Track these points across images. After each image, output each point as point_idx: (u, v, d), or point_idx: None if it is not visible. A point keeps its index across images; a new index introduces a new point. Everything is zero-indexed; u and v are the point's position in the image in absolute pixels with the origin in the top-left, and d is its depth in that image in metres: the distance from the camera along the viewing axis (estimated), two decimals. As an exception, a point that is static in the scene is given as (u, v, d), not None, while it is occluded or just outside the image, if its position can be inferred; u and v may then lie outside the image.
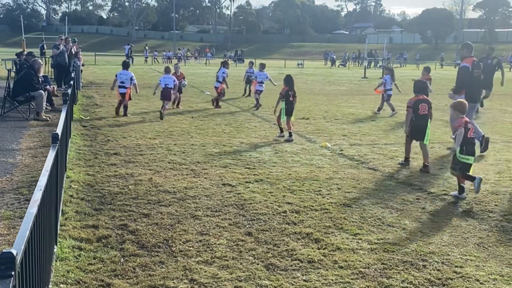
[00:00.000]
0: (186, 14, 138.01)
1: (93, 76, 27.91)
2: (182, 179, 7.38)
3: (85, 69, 28.89)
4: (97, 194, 6.58)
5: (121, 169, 7.86)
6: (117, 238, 5.13)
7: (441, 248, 5.11)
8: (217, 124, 12.70)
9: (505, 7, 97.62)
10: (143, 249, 4.88)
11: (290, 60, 63.47)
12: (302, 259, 4.76)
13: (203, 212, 5.97)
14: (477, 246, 5.21)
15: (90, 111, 14.43)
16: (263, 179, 7.54)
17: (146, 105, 16.25)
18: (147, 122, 12.64)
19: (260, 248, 4.97)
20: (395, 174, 8.08)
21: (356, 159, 9.13)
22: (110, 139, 10.32)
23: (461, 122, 7.04)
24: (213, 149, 9.58)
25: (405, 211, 6.25)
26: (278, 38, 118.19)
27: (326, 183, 7.44)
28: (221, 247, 4.96)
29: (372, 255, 4.88)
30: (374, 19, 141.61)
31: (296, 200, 6.58)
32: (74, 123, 11.88)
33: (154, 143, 9.98)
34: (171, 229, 5.39)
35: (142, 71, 36.81)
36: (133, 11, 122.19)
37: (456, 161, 7.03)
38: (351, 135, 11.70)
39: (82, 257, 4.66)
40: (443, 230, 5.64)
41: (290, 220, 5.82)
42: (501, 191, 7.21)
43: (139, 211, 5.93)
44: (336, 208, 6.31)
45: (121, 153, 9.03)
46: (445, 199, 6.80)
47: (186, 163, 8.42)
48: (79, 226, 5.41)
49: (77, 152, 8.97)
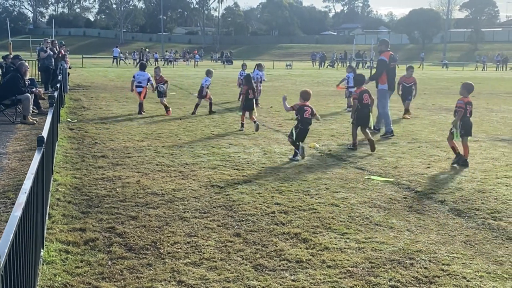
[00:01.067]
0: (174, 16, 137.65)
1: (80, 79, 27.78)
2: (170, 181, 7.36)
3: (72, 72, 28.73)
4: (85, 197, 6.54)
5: (109, 172, 7.82)
6: (104, 241, 5.11)
7: (428, 246, 5.14)
8: (205, 126, 12.68)
9: (491, 7, 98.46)
10: (131, 252, 4.86)
11: (278, 61, 63.56)
12: (290, 259, 4.76)
13: (191, 214, 5.96)
14: (464, 244, 5.24)
15: (78, 114, 14.36)
16: (252, 180, 7.54)
17: (133, 107, 16.17)
18: (135, 124, 12.59)
19: (248, 249, 4.97)
20: (382, 174, 8.11)
21: (344, 159, 9.16)
22: (97, 141, 10.27)
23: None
24: (201, 151, 9.57)
25: (393, 210, 6.28)
26: (267, 39, 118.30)
27: (315, 183, 7.45)
28: (209, 249, 4.95)
29: (360, 254, 4.90)
30: (361, 20, 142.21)
31: (285, 200, 6.59)
32: (61, 126, 11.81)
33: (142, 145, 9.95)
34: (159, 231, 5.37)
35: (130, 73, 36.66)
36: (121, 14, 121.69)
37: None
38: (339, 135, 11.74)
39: (69, 260, 4.63)
40: (430, 228, 5.67)
41: (278, 220, 5.83)
42: (488, 189, 7.27)
43: (126, 214, 5.90)
44: (324, 208, 6.32)
45: (108, 155, 8.99)
46: (432, 197, 6.84)
47: (174, 165, 8.40)
48: (66, 229, 5.37)
49: (64, 155, 8.92)
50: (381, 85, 12.03)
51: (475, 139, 11.43)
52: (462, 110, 8.78)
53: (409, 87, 14.93)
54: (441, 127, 13.10)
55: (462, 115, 8.74)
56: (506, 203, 6.59)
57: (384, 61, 12.02)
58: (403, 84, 15.07)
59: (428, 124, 13.58)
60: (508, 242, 5.30)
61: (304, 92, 9.49)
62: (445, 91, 25.77)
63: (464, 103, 8.84)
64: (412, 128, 12.85)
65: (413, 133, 12.22)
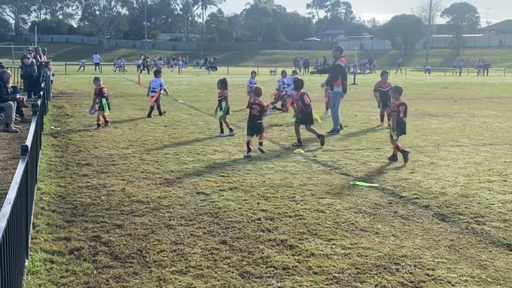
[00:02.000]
0: (158, 22, 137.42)
1: (63, 86, 27.58)
2: (155, 189, 7.34)
3: (55, 79, 28.50)
4: (69, 205, 6.49)
5: (93, 180, 7.77)
6: (89, 250, 5.07)
7: (413, 251, 5.18)
8: (190, 133, 12.66)
9: (471, 13, 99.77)
10: (117, 261, 4.82)
11: (262, 68, 63.74)
12: (276, 266, 4.77)
13: (177, 222, 5.94)
14: (449, 248, 5.30)
15: (61, 121, 14.25)
16: (237, 187, 7.54)
17: (118, 114, 16.11)
18: (119, 132, 12.52)
19: (235, 256, 4.97)
20: (367, 179, 8.17)
21: (329, 165, 9.21)
22: (81, 149, 10.20)
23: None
24: (186, 158, 9.55)
25: (378, 216, 6.33)
26: (251, 45, 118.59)
27: (300, 189, 7.48)
28: (195, 256, 4.94)
29: (346, 260, 4.93)
30: (345, 26, 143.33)
31: (271, 207, 6.60)
32: (45, 134, 11.70)
33: (126, 153, 9.90)
34: (144, 240, 5.35)
35: (114, 80, 36.51)
36: (104, 20, 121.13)
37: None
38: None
39: (54, 270, 4.59)
40: (415, 233, 5.72)
41: (264, 227, 5.83)
42: (471, 193, 7.35)
43: (112, 222, 5.86)
44: (310, 214, 6.35)
45: (93, 163, 8.93)
46: (416, 202, 6.90)
47: (160, 172, 8.37)
48: (50, 238, 5.33)
49: (48, 164, 8.84)
50: (336, 88, 13.17)
51: (457, 144, 11.58)
52: (396, 112, 9.46)
53: (386, 92, 14.44)
54: (424, 132, 13.23)
55: (397, 117, 9.45)
56: (489, 208, 6.67)
57: (341, 66, 13.30)
58: (379, 89, 14.83)
59: (411, 129, 13.70)
60: (492, 246, 5.36)
61: (255, 89, 10.58)
62: (428, 96, 26.04)
63: (396, 106, 9.54)
64: (396, 134, 12.96)
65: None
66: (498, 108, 20.14)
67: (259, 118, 10.05)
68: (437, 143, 11.66)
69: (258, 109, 10.02)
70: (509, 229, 5.88)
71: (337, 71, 13.22)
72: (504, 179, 8.19)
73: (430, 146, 11.22)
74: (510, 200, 7.03)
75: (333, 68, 13.38)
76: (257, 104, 10.10)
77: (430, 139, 12.17)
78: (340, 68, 13.27)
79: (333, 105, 13.30)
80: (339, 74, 13.17)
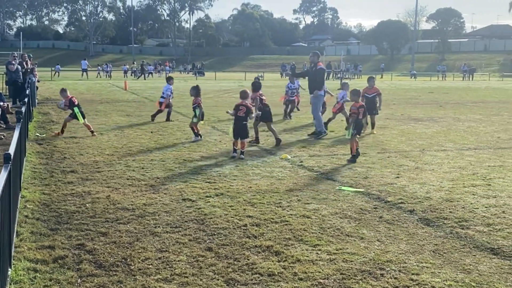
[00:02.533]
0: (144, 27, 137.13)
1: (49, 92, 27.38)
2: (141, 196, 7.30)
3: (41, 85, 28.33)
4: (53, 213, 6.44)
5: (78, 187, 7.72)
6: (74, 258, 5.03)
7: (398, 256, 5.21)
8: (177, 139, 12.63)
9: (457, 18, 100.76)
10: (101, 269, 4.79)
11: (250, 73, 63.77)
12: (262, 272, 4.77)
13: (162, 229, 5.91)
14: (433, 253, 5.33)
15: (46, 128, 14.14)
16: (224, 193, 7.54)
17: (104, 120, 16.03)
18: (105, 138, 12.46)
19: (220, 263, 4.96)
20: (353, 184, 8.20)
21: (315, 170, 9.23)
22: (66, 156, 10.13)
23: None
24: (173, 164, 9.52)
25: (363, 221, 6.35)
26: (238, 50, 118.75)
27: (286, 195, 7.49)
28: (180, 264, 4.92)
29: (331, 266, 4.94)
30: (331, 31, 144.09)
31: (257, 213, 6.60)
32: (30, 141, 11.61)
33: (112, 160, 9.85)
34: (129, 247, 5.32)
35: (100, 85, 36.35)
36: (90, 26, 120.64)
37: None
38: (310, 146, 11.83)
39: (38, 279, 4.54)
40: (399, 238, 5.75)
41: (250, 233, 5.83)
42: (455, 198, 7.41)
43: (96, 230, 5.83)
44: (296, 219, 6.36)
45: (78, 170, 8.87)
46: (401, 207, 6.94)
47: (145, 179, 8.34)
48: (34, 247, 5.28)
49: (33, 171, 8.77)
50: (319, 91, 13.52)
51: (442, 148, 11.68)
52: (356, 114, 10.14)
53: (372, 98, 14.42)
54: (410, 137, 13.32)
55: (356, 118, 10.14)
56: (473, 212, 6.73)
57: (324, 70, 13.99)
58: (365, 95, 14.48)
59: (397, 134, 13.80)
60: (476, 250, 5.41)
61: (242, 91, 10.79)
62: (413, 101, 26.24)
63: (357, 108, 10.21)
64: (382, 138, 13.04)
65: (382, 143, 12.39)
66: (482, 112, 20.35)
67: (244, 119, 10.32)
68: (422, 147, 11.75)
69: (244, 111, 10.29)
70: (493, 233, 5.93)
71: (321, 76, 13.66)
72: (488, 183, 8.27)
73: (415, 151, 11.30)
74: (494, 204, 7.10)
75: (318, 73, 13.60)
76: (244, 106, 10.34)
77: (415, 144, 12.26)
78: (323, 72, 13.90)
79: (315, 108, 13.51)
80: (323, 78, 13.73)
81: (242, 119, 10.32)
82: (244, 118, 10.33)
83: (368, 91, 14.60)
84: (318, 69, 13.59)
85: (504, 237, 5.79)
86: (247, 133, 10.46)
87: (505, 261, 5.11)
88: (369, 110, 14.19)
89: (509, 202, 7.18)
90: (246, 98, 10.57)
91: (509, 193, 7.68)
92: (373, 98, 14.46)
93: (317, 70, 13.60)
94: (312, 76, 13.74)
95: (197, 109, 12.57)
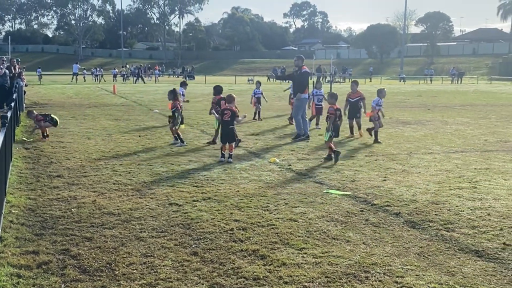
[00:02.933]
0: (134, 31, 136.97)
1: (37, 97, 27.25)
2: (127, 200, 7.27)
3: (29, 90, 28.16)
4: (39, 218, 6.40)
5: (64, 192, 7.67)
6: (58, 263, 4.99)
7: (383, 258, 5.22)
8: (164, 142, 12.60)
9: (445, 22, 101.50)
10: (85, 274, 4.76)
11: (240, 76, 63.88)
12: (247, 276, 4.76)
13: (148, 233, 5.89)
14: (418, 255, 5.35)
15: (34, 132, 14.04)
16: (211, 197, 7.52)
17: (92, 124, 15.96)
18: (92, 143, 12.40)
19: (205, 268, 4.95)
20: (340, 187, 8.22)
21: (303, 174, 9.25)
22: (53, 161, 10.07)
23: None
24: (160, 168, 9.49)
25: (349, 224, 6.37)
26: (228, 54, 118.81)
27: (274, 199, 7.49)
28: (165, 269, 4.90)
29: (317, 269, 4.94)
30: (321, 35, 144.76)
31: (244, 217, 6.59)
32: (16, 146, 11.53)
33: (99, 164, 9.80)
34: (114, 252, 5.29)
35: (88, 89, 36.20)
36: (80, 30, 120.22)
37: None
38: (299, 150, 11.85)
39: (21, 285, 4.51)
40: (385, 241, 5.77)
41: (237, 237, 5.82)
42: (441, 200, 7.45)
43: (81, 235, 5.79)
44: (283, 223, 6.36)
45: (64, 175, 8.82)
46: (387, 210, 6.97)
47: (132, 183, 8.30)
48: (18, 252, 5.23)
49: (19, 176, 8.71)
50: (303, 94, 13.65)
51: (429, 151, 11.75)
52: (333, 116, 10.45)
53: (355, 102, 14.18)
54: (397, 140, 13.38)
55: (333, 120, 10.45)
56: (458, 214, 6.77)
57: (308, 73, 14.08)
58: (348, 100, 14.44)
59: (385, 137, 13.85)
60: (460, 252, 5.44)
61: (227, 96, 10.79)
62: (402, 104, 26.37)
63: (334, 110, 10.53)
64: (370, 141, 13.08)
65: (370, 146, 12.44)
66: (470, 115, 20.49)
67: (230, 123, 10.34)
68: (410, 150, 11.81)
69: (229, 114, 10.32)
70: (478, 235, 5.97)
71: (306, 79, 13.81)
72: (474, 186, 8.33)
73: (403, 154, 11.36)
74: (479, 206, 7.15)
75: (303, 76, 13.75)
76: (228, 110, 10.39)
77: (402, 147, 12.32)
78: (308, 75, 14.00)
79: (297, 112, 13.63)
80: (307, 81, 13.89)
81: (228, 123, 10.34)
82: (230, 122, 10.35)
83: (351, 95, 14.45)
84: (302, 72, 13.74)
85: (489, 239, 5.83)
86: (233, 137, 10.48)
87: (489, 263, 5.14)
88: (353, 114, 14.20)
89: (495, 205, 7.23)
90: (231, 102, 10.57)
91: (495, 196, 7.73)
92: (356, 102, 14.26)
93: (302, 74, 13.75)
94: (298, 79, 13.87)
95: (176, 113, 12.51)
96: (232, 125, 10.42)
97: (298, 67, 13.82)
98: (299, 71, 13.76)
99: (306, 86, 13.74)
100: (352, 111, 14.26)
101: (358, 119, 14.15)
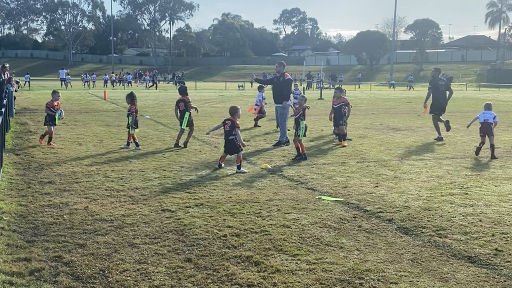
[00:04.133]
0: (124, 37, 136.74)
1: (27, 102, 27.08)
2: (119, 207, 7.24)
3: (19, 95, 27.98)
4: (30, 225, 6.34)
5: (56, 198, 7.62)
6: (50, 270, 4.95)
7: (376, 265, 5.24)
8: (156, 148, 12.56)
9: (434, 29, 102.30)
10: (78, 281, 4.73)
11: (231, 82, 63.93)
12: (241, 283, 4.75)
13: (141, 240, 5.86)
14: (411, 262, 5.37)
15: (24, 138, 13.96)
16: (204, 203, 7.51)
17: (83, 130, 15.88)
18: (84, 149, 12.34)
19: (199, 274, 4.93)
20: (333, 193, 8.24)
21: (295, 180, 9.26)
22: (44, 167, 10.00)
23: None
24: (152, 174, 9.46)
25: (343, 230, 6.38)
26: (219, 60, 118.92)
27: (266, 205, 7.49)
28: (159, 275, 4.88)
29: (311, 276, 4.94)
30: (311, 41, 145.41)
31: (237, 223, 6.59)
32: (6, 152, 11.44)
33: (90, 170, 9.75)
34: (107, 259, 5.26)
35: (79, 95, 36.04)
36: (70, 35, 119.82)
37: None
38: (291, 156, 11.85)
39: (13, 293, 4.46)
40: (378, 247, 5.79)
41: (230, 244, 5.81)
42: (433, 207, 7.49)
43: (74, 242, 5.75)
44: (276, 229, 6.36)
45: (55, 181, 8.76)
46: (380, 216, 6.99)
47: (124, 189, 8.27)
48: (10, 259, 5.19)
49: (9, 182, 8.64)
50: (288, 102, 13.99)
51: (420, 158, 11.81)
52: (301, 115, 11.50)
53: (337, 109, 14.15)
54: (388, 146, 13.44)
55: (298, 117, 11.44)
56: (450, 220, 6.81)
57: (291, 80, 14.30)
58: (332, 106, 14.48)
59: (376, 143, 13.91)
60: (453, 258, 5.47)
61: (231, 107, 10.76)
62: (392, 110, 26.50)
63: (302, 109, 11.58)
64: (361, 148, 13.14)
65: (361, 152, 12.48)
66: (460, 122, 20.62)
67: (230, 133, 10.23)
68: (401, 157, 11.87)
69: (229, 125, 10.28)
70: (470, 241, 6.00)
71: (289, 86, 14.04)
72: (465, 192, 8.38)
73: (394, 160, 11.41)
74: (471, 212, 7.19)
75: (287, 83, 13.86)
76: (229, 120, 10.35)
77: (394, 153, 12.38)
78: (291, 82, 14.27)
79: (284, 119, 13.77)
80: (290, 89, 14.26)
81: (228, 133, 10.25)
82: (230, 133, 10.24)
83: (334, 101, 14.47)
84: (286, 79, 13.81)
85: (481, 245, 5.87)
86: (236, 148, 10.22)
87: (482, 269, 5.17)
88: (336, 121, 14.14)
89: (486, 211, 7.28)
90: (233, 114, 10.46)
91: (486, 202, 7.79)
92: (338, 108, 14.22)
93: (285, 81, 13.81)
94: (280, 86, 13.89)
95: (130, 117, 12.58)
96: (232, 135, 10.21)
97: (280, 73, 13.91)
98: (282, 77, 13.81)
99: (289, 94, 14.11)
100: (336, 118, 14.25)
101: (341, 126, 13.97)
